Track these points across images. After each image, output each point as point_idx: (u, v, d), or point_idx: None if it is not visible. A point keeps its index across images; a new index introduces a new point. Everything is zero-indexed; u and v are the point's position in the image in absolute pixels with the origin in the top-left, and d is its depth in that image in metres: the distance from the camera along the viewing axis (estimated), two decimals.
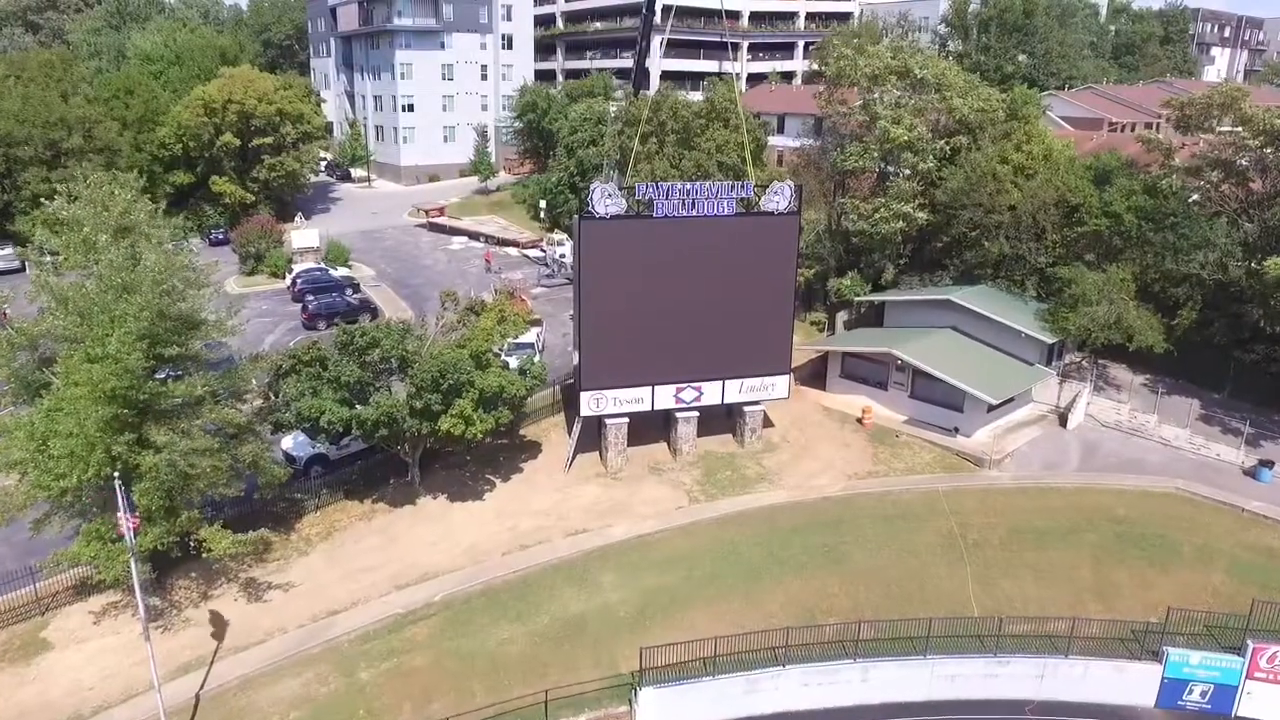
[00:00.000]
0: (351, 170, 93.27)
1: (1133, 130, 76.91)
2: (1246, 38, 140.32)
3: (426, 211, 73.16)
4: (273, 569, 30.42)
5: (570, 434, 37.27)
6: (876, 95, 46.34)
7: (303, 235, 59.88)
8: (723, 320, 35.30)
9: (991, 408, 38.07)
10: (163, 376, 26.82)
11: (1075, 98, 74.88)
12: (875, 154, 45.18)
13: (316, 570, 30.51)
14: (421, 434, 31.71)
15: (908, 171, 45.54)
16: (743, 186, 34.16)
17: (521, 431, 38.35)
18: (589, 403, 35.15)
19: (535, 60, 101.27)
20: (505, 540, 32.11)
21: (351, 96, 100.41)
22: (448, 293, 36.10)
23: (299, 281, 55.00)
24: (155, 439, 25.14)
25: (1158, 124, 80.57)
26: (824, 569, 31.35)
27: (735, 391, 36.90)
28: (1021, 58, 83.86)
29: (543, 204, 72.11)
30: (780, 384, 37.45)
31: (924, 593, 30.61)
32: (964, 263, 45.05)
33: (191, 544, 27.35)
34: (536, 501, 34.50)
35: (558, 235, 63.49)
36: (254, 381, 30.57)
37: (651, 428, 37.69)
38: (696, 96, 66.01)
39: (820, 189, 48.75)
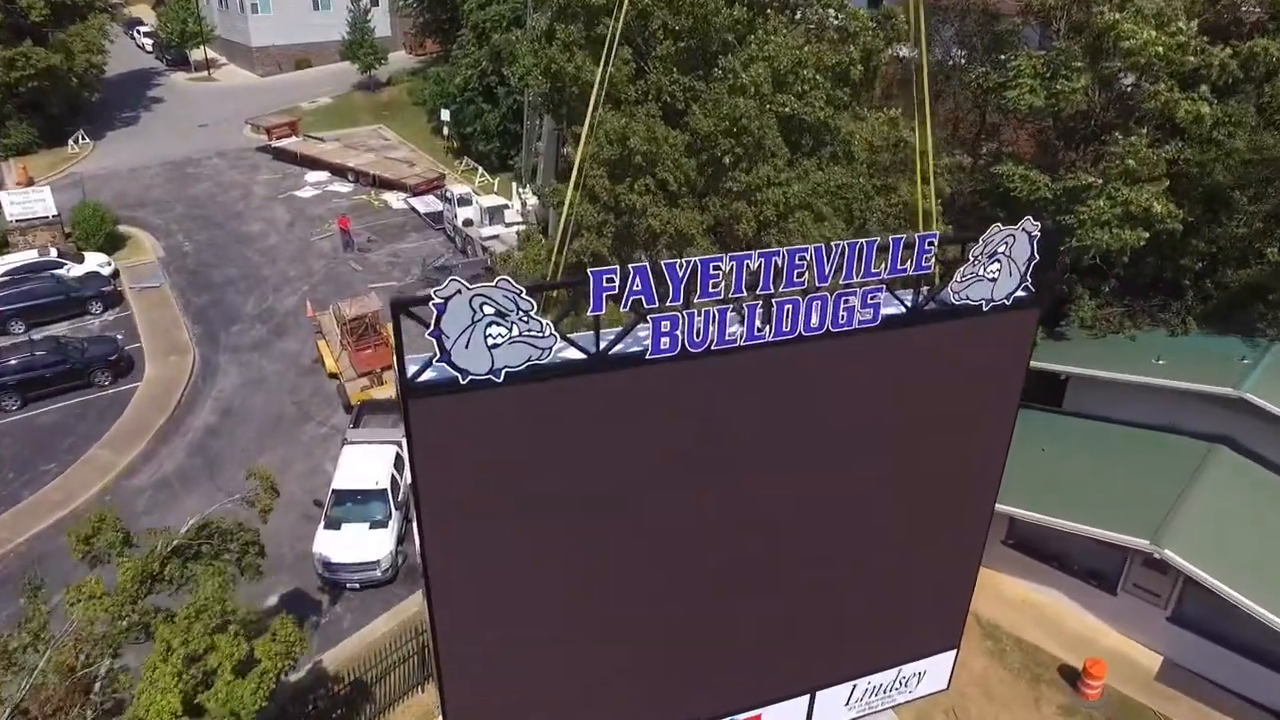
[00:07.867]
0: (190, 53, 66.50)
1: None
2: None
3: (269, 130, 48.31)
4: None
5: None
6: None
7: (21, 199, 35.16)
8: (823, 564, 13.55)
9: None
10: None
11: None
12: (1083, 79, 21.82)
13: None
14: None
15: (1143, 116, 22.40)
16: (914, 249, 11.27)
17: None
18: None
19: None
20: None
21: None
22: (80, 533, 13.54)
23: None
24: None
25: None
26: None
27: (839, 705, 15.57)
28: None
29: (445, 115, 47.74)
30: (939, 669, 16.13)
31: None
32: (1222, 287, 23.29)
33: None
34: None
35: (463, 189, 39.50)
36: None
37: None
38: None
39: (942, 130, 25.62)
